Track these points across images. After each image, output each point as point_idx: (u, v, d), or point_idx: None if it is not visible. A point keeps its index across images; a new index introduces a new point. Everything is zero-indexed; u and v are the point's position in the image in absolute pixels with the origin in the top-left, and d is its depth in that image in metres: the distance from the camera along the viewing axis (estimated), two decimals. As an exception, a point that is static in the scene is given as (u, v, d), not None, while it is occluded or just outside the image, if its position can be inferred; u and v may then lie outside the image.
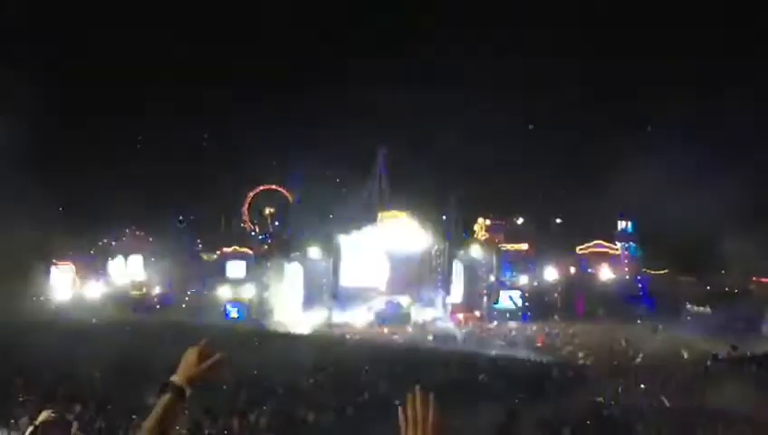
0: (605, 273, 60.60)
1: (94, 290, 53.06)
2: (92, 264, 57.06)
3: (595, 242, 63.11)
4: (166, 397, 2.36)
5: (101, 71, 70.81)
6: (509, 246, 60.98)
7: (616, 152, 52.85)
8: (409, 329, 48.94)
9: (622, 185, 53.27)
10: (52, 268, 53.79)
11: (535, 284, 59.32)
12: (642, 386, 22.42)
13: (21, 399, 14.60)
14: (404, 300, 53.34)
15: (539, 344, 40.67)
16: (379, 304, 52.41)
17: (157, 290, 56.99)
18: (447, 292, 55.84)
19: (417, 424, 2.10)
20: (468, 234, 59.90)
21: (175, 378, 2.40)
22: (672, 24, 70.32)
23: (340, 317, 51.01)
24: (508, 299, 56.38)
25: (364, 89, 69.06)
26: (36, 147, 58.92)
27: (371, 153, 62.28)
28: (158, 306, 52.89)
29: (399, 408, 2.15)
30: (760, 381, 20.98)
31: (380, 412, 13.16)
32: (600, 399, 20.10)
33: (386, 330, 48.13)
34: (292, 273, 53.59)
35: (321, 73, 76.14)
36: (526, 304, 56.28)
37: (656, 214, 57.59)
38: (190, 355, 2.45)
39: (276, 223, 76.48)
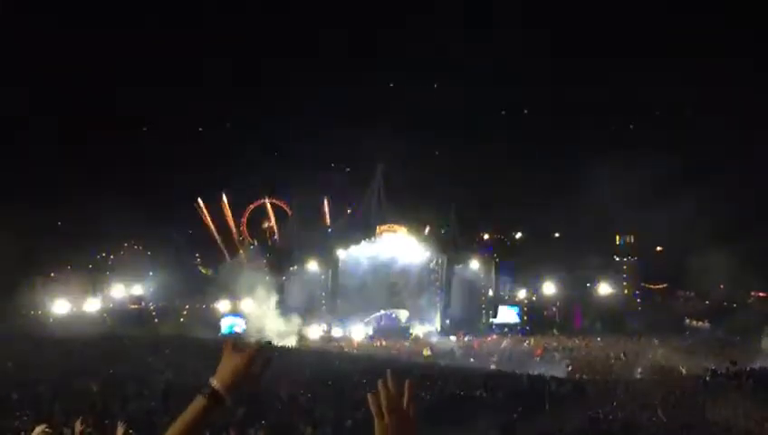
0: (604, 287, 60.49)
1: (92, 304, 52.84)
2: (91, 278, 56.86)
3: (593, 256, 63.08)
4: (199, 402, 1.91)
5: (101, 80, 70.90)
6: (508, 261, 60.94)
7: (616, 168, 52.96)
8: (407, 343, 48.81)
9: (622, 200, 53.49)
10: (51, 282, 53.64)
11: (534, 298, 59.22)
12: (640, 400, 22.38)
13: (17, 413, 14.58)
14: (402, 314, 53.25)
15: (537, 358, 40.56)
16: (377, 317, 52.33)
17: (154, 304, 56.80)
18: (446, 306, 55.75)
19: (391, 411, 1.83)
20: (467, 248, 59.78)
21: (215, 383, 1.93)
22: (680, 43, 70.55)
23: (338, 331, 50.91)
24: (507, 313, 56.22)
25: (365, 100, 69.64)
26: (35, 161, 59.20)
27: (370, 166, 62.54)
28: (156, 320, 52.69)
29: (369, 396, 1.85)
30: (758, 397, 20.95)
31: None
32: (599, 413, 20.06)
33: (384, 343, 48.03)
34: (291, 286, 53.55)
35: (320, 86, 76.17)
36: (525, 318, 56.16)
37: (655, 229, 57.70)
38: (239, 359, 1.96)
39: (275, 237, 76.39)
